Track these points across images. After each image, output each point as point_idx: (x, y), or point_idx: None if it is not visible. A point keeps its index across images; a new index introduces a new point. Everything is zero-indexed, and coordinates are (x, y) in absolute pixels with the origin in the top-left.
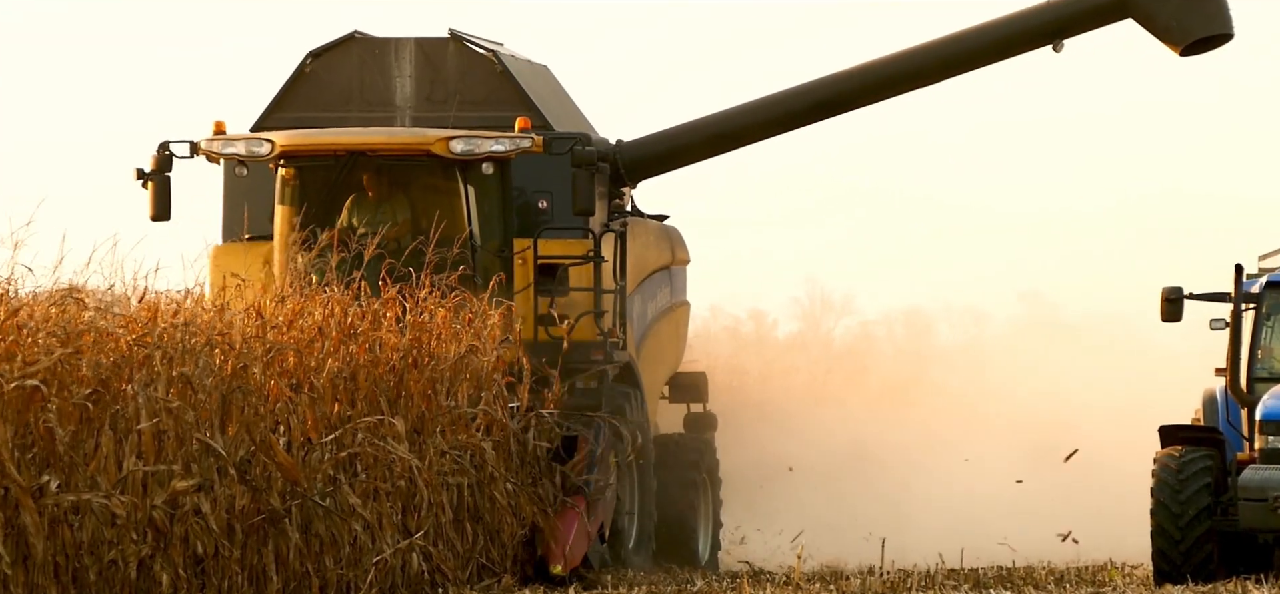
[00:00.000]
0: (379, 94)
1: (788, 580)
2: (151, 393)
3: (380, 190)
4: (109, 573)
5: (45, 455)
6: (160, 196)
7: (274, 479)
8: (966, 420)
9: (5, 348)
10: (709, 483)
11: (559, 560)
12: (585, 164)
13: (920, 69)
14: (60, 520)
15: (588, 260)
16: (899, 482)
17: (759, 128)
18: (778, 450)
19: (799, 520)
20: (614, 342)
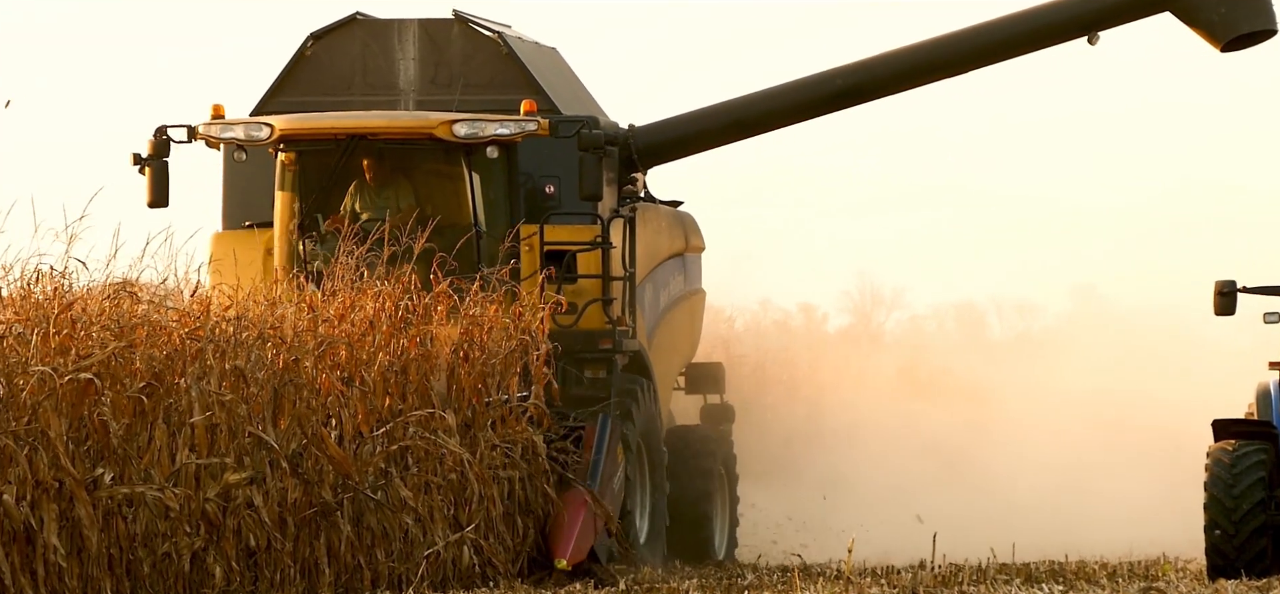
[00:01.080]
0: (382, 76)
1: (838, 574)
2: (204, 386)
3: (381, 175)
4: (162, 565)
5: (99, 448)
6: (158, 182)
7: (326, 472)
8: (1017, 414)
9: (60, 342)
10: (726, 475)
11: (564, 554)
12: (592, 148)
13: (948, 59)
14: (114, 513)
15: (595, 246)
16: (950, 475)
17: (779, 115)
18: (824, 445)
19: (848, 515)
20: (623, 330)
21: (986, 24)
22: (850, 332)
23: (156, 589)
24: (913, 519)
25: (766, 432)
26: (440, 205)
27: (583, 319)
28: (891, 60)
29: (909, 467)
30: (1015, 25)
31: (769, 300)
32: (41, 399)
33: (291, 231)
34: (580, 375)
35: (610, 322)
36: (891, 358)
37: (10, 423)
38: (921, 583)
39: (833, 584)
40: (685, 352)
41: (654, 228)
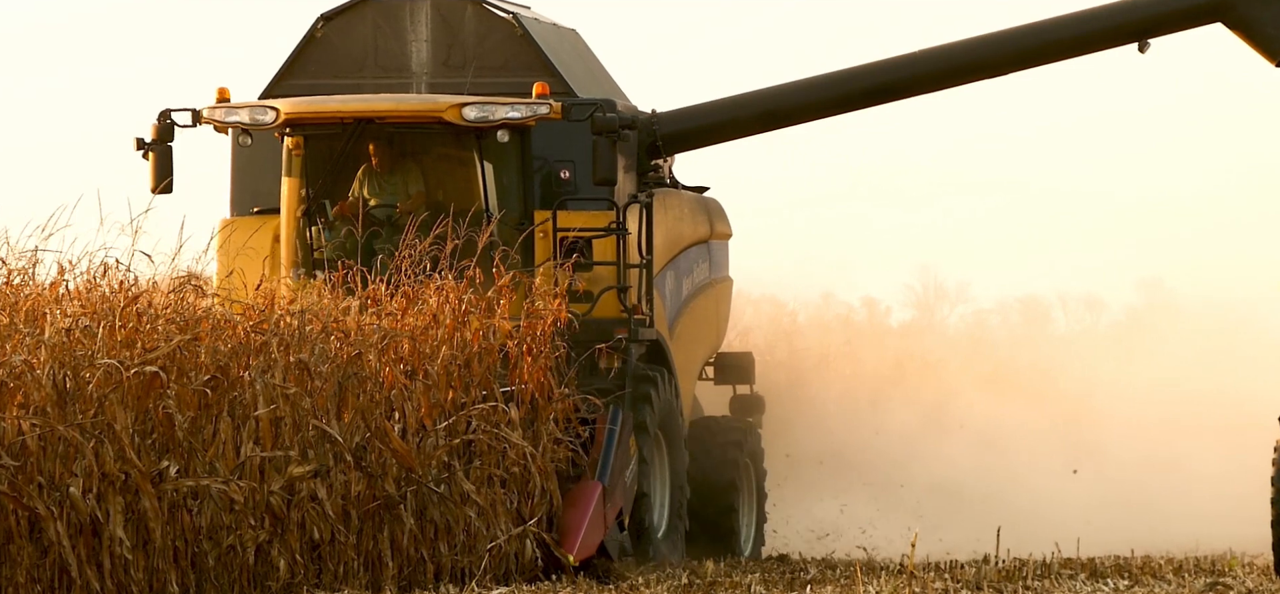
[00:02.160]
0: (394, 59)
1: (901, 569)
2: (268, 379)
3: (390, 160)
4: (227, 558)
5: (165, 441)
6: (161, 167)
7: (389, 465)
8: (1082, 409)
9: (125, 335)
10: (752, 468)
11: (572, 549)
12: (606, 131)
13: (991, 60)
14: (179, 506)
15: (610, 233)
16: (1014, 470)
17: (812, 108)
18: (887, 439)
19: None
20: (640, 319)
21: (1032, 26)
22: (914, 325)
23: (221, 582)
24: (977, 514)
25: (827, 426)
26: (451, 191)
27: (597, 307)
28: (932, 58)
29: (972, 461)
30: (1061, 30)
31: (832, 294)
32: (108, 392)
33: (298, 218)
34: (594, 365)
35: (625, 310)
36: (955, 352)
37: (77, 416)
38: (985, 578)
39: (896, 579)
40: (711, 341)
41: (676, 214)
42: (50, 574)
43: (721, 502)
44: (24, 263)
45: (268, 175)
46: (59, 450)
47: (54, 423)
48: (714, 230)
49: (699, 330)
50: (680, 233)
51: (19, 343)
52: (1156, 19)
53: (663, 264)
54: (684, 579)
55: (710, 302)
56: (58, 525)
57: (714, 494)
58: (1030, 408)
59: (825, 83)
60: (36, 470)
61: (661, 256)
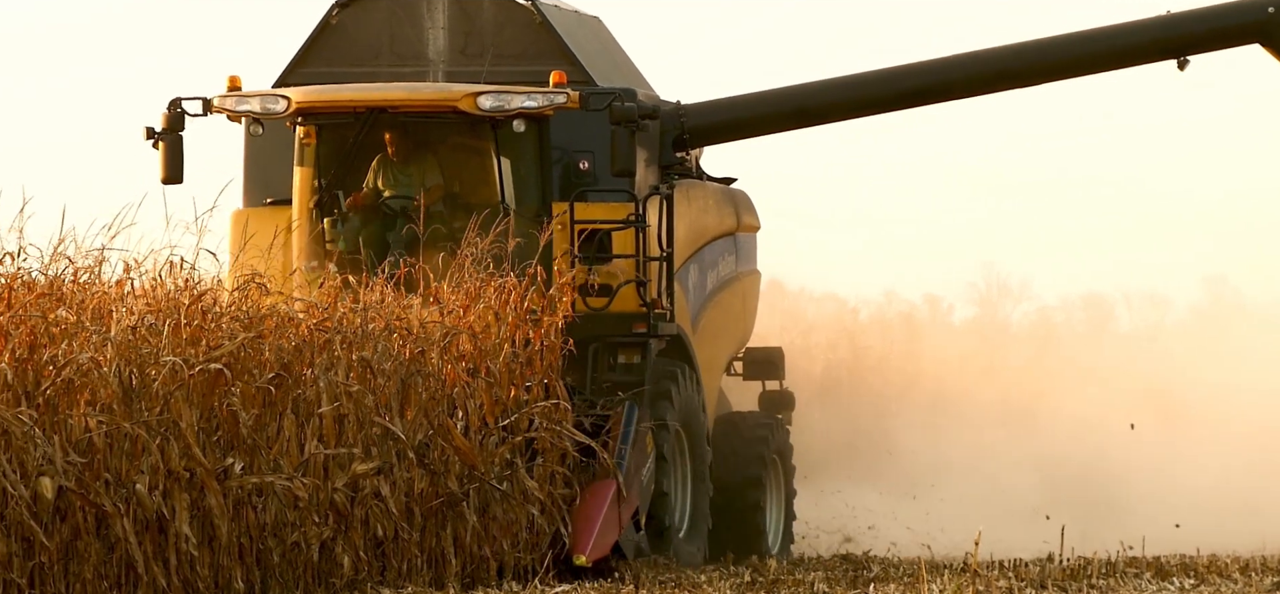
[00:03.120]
0: (410, 46)
1: (964, 568)
2: (332, 377)
3: (405, 151)
4: (292, 554)
5: (229, 439)
6: (172, 157)
7: (452, 463)
8: (1146, 407)
9: (190, 333)
10: (780, 465)
11: (584, 549)
12: (625, 121)
13: (1027, 69)
14: (244, 502)
15: (628, 225)
16: (1078, 468)
17: (844, 108)
18: (948, 437)
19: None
20: (660, 313)
21: (1071, 37)
22: (976, 323)
23: (286, 578)
24: (1040, 512)
25: (887, 423)
26: (467, 182)
27: (616, 301)
28: (968, 63)
29: (1036, 459)
30: (1102, 42)
31: (894, 292)
32: (173, 389)
33: (311, 210)
34: (613, 360)
35: (645, 304)
36: (1018, 349)
37: (143, 413)
38: (1050, 577)
39: (959, 577)
40: (737, 335)
41: (700, 206)
42: (117, 570)
43: (747, 500)
44: (91, 261)
45: (282, 166)
46: (125, 447)
47: (120, 420)
48: (741, 222)
49: (724, 325)
50: (704, 225)
51: (86, 341)
52: (1195, 38)
53: (686, 257)
54: (747, 577)
55: (736, 295)
56: (124, 522)
57: (739, 492)
58: (1093, 405)
59: (858, 83)
60: (103, 467)
61: (684, 249)
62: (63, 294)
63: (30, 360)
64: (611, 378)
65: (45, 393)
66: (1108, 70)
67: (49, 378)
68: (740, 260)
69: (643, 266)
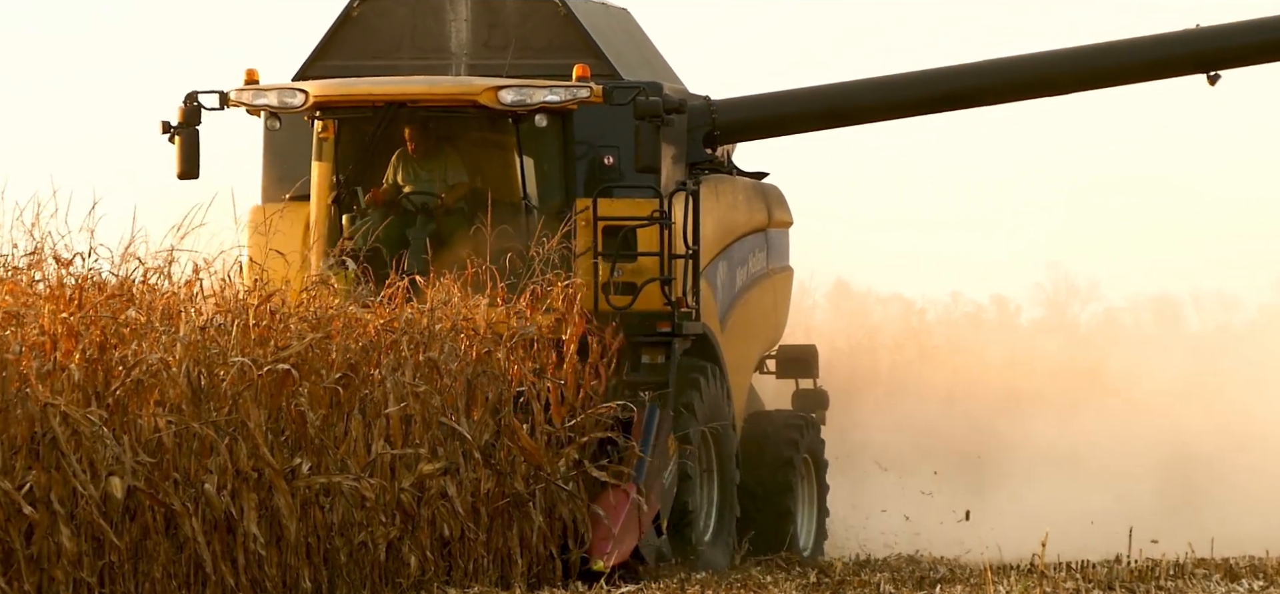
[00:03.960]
0: (433, 39)
1: (1031, 568)
2: (399, 377)
3: (425, 146)
4: (359, 554)
5: (297, 439)
6: (187, 152)
7: (518, 463)
8: (1217, 408)
9: (258, 333)
10: (812, 465)
11: (603, 554)
12: (650, 116)
13: (1060, 77)
14: (311, 502)
15: (652, 221)
16: (1146, 468)
17: (876, 110)
18: (1014, 438)
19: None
20: (685, 311)
21: (1100, 47)
22: (1044, 324)
23: (353, 578)
24: (1106, 513)
25: (952, 424)
26: (489, 178)
27: (640, 299)
28: (1000, 69)
29: (1103, 460)
30: (1132, 53)
31: (960, 292)
32: (241, 390)
33: (329, 206)
34: (637, 360)
35: (669, 303)
36: (1086, 350)
37: (211, 413)
38: (1118, 578)
39: (1026, 578)
40: (768, 334)
41: (729, 201)
42: (186, 569)
43: (777, 502)
44: (160, 262)
45: (301, 161)
46: (194, 447)
47: (189, 420)
48: (772, 218)
49: (754, 323)
50: (733, 221)
51: (155, 341)
52: (1230, 52)
53: (714, 254)
54: (813, 578)
55: (767, 293)
56: (193, 521)
57: (769, 492)
58: (1162, 406)
59: (891, 85)
60: (172, 467)
61: (712, 246)
62: (133, 295)
63: (100, 361)
64: (635, 378)
65: (115, 393)
66: (1138, 82)
67: (119, 378)
68: (772, 257)
69: (667, 264)
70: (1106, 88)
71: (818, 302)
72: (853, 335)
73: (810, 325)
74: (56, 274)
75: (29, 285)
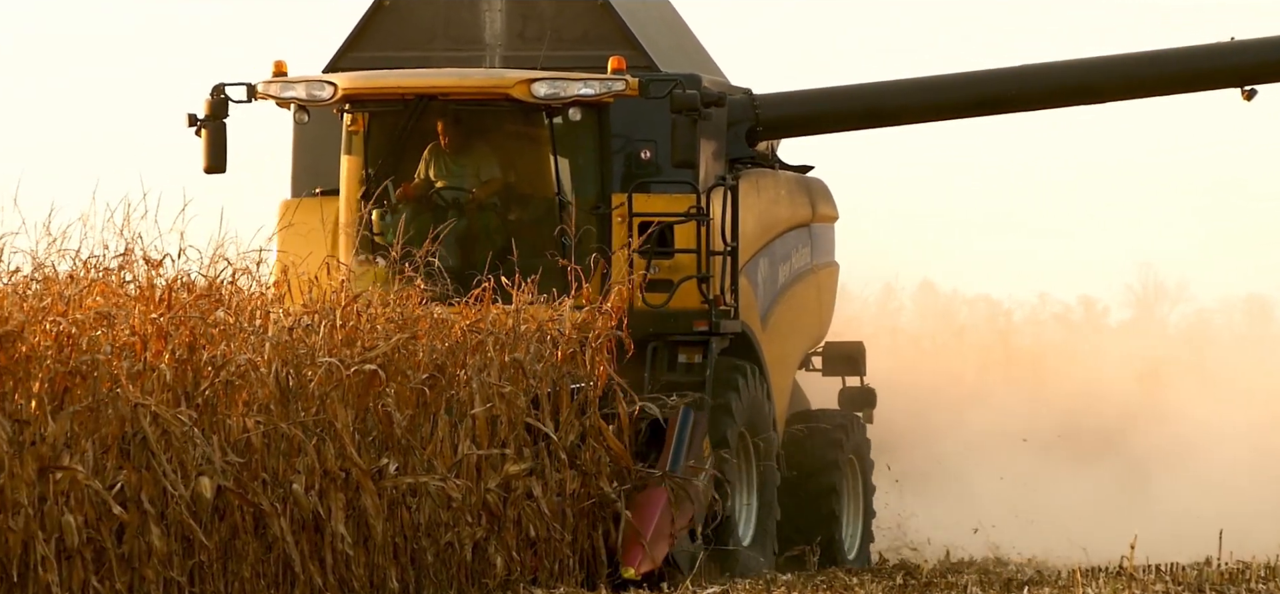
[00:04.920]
0: (466, 30)
1: (1120, 571)
2: (485, 378)
3: (458, 140)
4: (445, 554)
5: (384, 439)
6: (214, 146)
7: (604, 464)
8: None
9: (345, 334)
10: (857, 465)
11: (633, 562)
12: (686, 110)
13: (1097, 85)
14: (398, 503)
15: (689, 218)
16: (1237, 470)
17: (914, 112)
18: (1105, 439)
19: (1127, 511)
20: (722, 309)
21: (1139, 56)
22: (1133, 325)
23: (440, 578)
24: (1196, 516)
25: (1040, 424)
26: (523, 173)
27: (677, 297)
28: (1039, 75)
29: (1195, 462)
30: (1169, 64)
31: (1048, 293)
32: (329, 390)
33: (358, 202)
34: (673, 359)
35: (706, 301)
36: (1176, 351)
37: (299, 413)
38: (1207, 580)
39: (1115, 581)
40: (811, 331)
41: (770, 196)
42: (274, 569)
43: (821, 503)
44: (248, 263)
45: (331, 155)
46: (282, 448)
47: (277, 420)
48: (816, 213)
49: (797, 320)
50: (775, 216)
51: (243, 342)
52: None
53: (755, 250)
54: (899, 580)
55: (810, 289)
56: (282, 521)
57: (812, 494)
58: (1254, 408)
59: (930, 87)
60: (261, 467)
61: (753, 242)
62: (221, 295)
63: (190, 361)
64: (670, 378)
65: (204, 393)
66: (1173, 94)
67: (208, 379)
68: (816, 252)
69: (705, 261)
70: (1146, 97)
71: (904, 302)
72: (939, 336)
73: (896, 326)
74: (147, 275)
75: (119, 286)
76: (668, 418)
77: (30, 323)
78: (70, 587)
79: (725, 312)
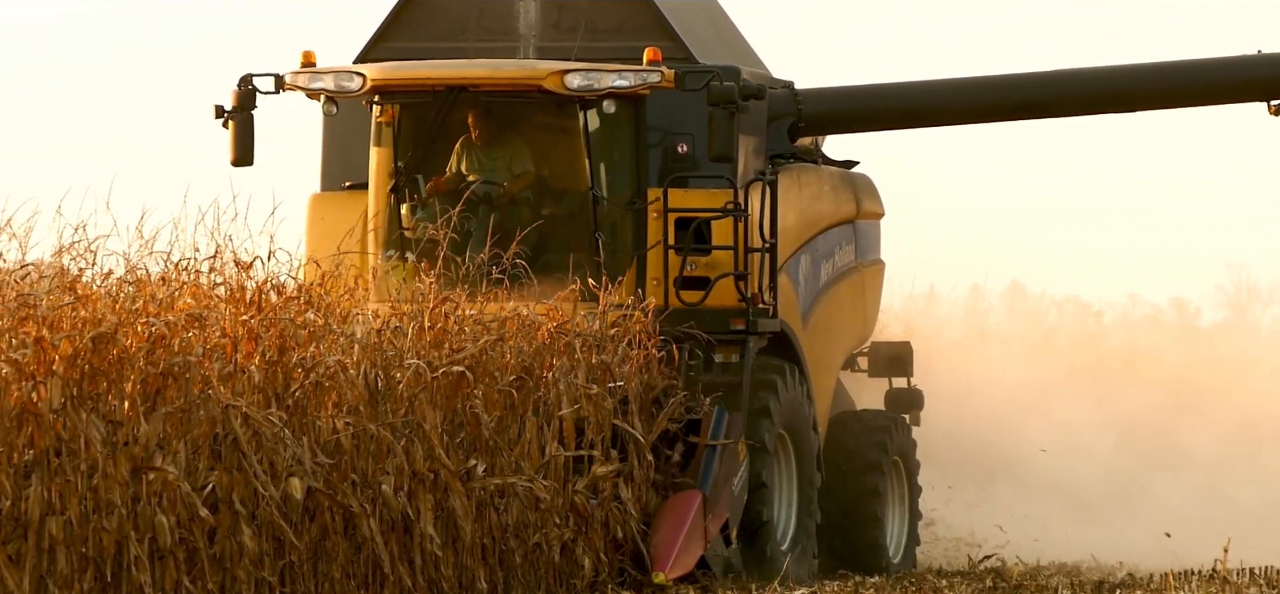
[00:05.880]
0: (500, 20)
1: (1213, 574)
2: (572, 380)
3: (490, 133)
4: (534, 556)
5: (472, 440)
6: (242, 138)
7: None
8: None
9: (433, 336)
10: (903, 468)
11: (664, 567)
12: (724, 102)
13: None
14: (486, 504)
15: (726, 213)
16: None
17: (952, 114)
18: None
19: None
20: (760, 308)
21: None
22: (1225, 327)
23: (528, 580)
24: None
25: (1132, 429)
26: (556, 167)
27: (713, 295)
28: (1076, 80)
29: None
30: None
31: (1139, 294)
32: (417, 392)
33: (388, 195)
34: (710, 359)
35: (744, 299)
36: (1268, 353)
37: (388, 415)
38: None
39: (1208, 584)
40: (856, 331)
41: (813, 192)
42: (364, 570)
43: (864, 506)
44: (333, 265)
45: (362, 148)
46: (371, 449)
47: (366, 422)
48: (861, 209)
49: (840, 320)
50: (817, 212)
51: (333, 343)
52: None
53: (796, 247)
54: (989, 582)
55: (855, 287)
56: (371, 522)
57: (855, 498)
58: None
59: (969, 89)
60: (350, 468)
61: (794, 239)
62: (311, 297)
63: (280, 363)
64: (707, 378)
65: (294, 395)
66: (1199, 105)
67: (298, 380)
68: (861, 250)
69: (742, 258)
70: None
71: (992, 304)
72: (1028, 338)
73: (985, 328)
74: (237, 277)
75: (211, 289)
76: (701, 419)
77: (123, 325)
78: (163, 587)
79: (763, 310)
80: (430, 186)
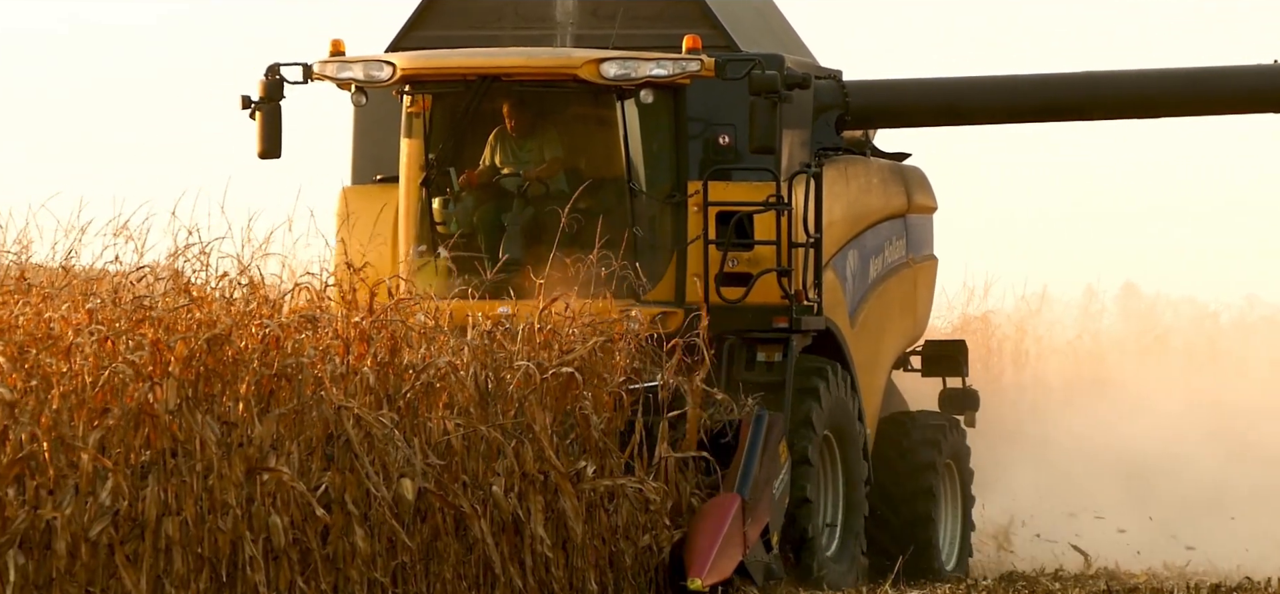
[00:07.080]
0: (536, 8)
1: (1268, 585)
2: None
3: (524, 124)
4: (644, 557)
5: (581, 442)
6: (269, 129)
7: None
8: None
9: (543, 337)
10: (955, 471)
11: (700, 573)
12: (766, 92)
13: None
14: (597, 505)
15: (769, 207)
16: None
17: (992, 113)
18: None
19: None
20: (804, 305)
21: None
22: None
23: (638, 581)
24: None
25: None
26: (592, 159)
27: (755, 291)
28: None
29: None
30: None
31: (1256, 296)
32: (527, 393)
33: (419, 189)
34: (751, 358)
35: (787, 296)
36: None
37: (498, 416)
38: None
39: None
40: (907, 329)
41: (861, 184)
42: (475, 570)
43: (916, 510)
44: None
45: (394, 140)
46: (482, 450)
47: (476, 423)
48: (912, 203)
49: (890, 317)
50: (866, 206)
51: (443, 345)
52: None
53: (843, 242)
54: (1103, 585)
55: (906, 284)
56: (482, 523)
57: (906, 500)
58: None
59: (1009, 88)
60: (461, 469)
61: (842, 233)
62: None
63: (391, 365)
64: (749, 377)
65: (405, 396)
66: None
67: (409, 382)
68: (912, 245)
69: (785, 253)
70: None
71: (1105, 305)
72: (1142, 339)
73: (1098, 330)
74: (348, 279)
75: (322, 290)
76: (741, 422)
77: (237, 327)
78: (277, 587)
79: (807, 307)
80: (463, 180)
